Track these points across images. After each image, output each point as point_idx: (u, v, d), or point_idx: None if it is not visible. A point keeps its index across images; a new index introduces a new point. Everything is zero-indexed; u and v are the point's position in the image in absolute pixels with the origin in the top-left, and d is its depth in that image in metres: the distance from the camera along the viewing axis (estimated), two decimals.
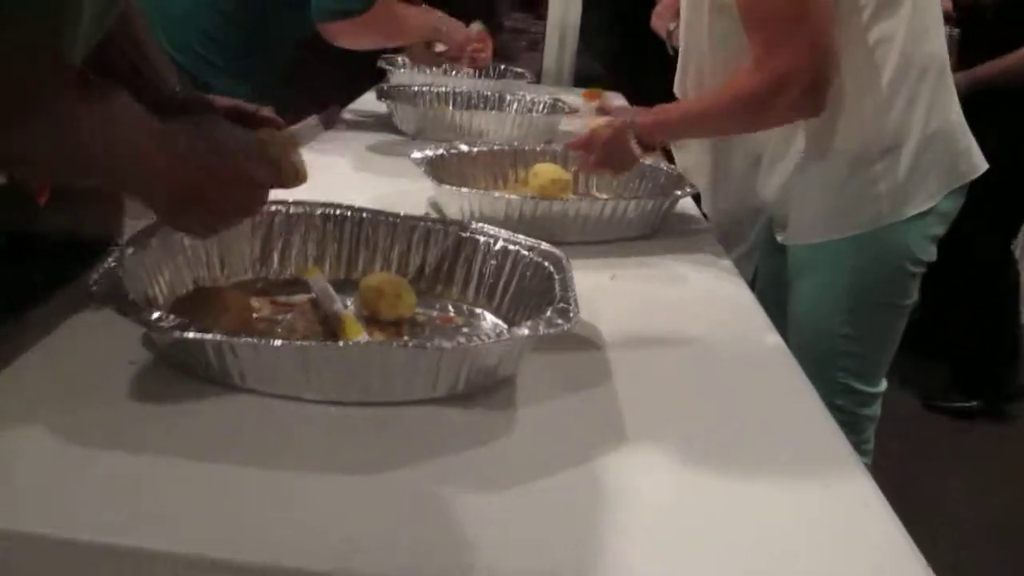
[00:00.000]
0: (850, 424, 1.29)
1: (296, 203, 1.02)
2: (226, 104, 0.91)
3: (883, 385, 1.30)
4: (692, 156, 1.36)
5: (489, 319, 0.98)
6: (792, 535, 0.67)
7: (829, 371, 1.26)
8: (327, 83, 2.34)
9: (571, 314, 0.81)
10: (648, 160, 1.30)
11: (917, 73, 1.12)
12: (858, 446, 1.32)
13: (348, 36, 1.75)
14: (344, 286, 1.01)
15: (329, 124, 0.90)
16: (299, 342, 0.73)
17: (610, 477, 0.71)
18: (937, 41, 1.15)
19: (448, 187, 1.28)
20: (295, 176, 0.81)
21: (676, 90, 1.31)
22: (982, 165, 1.20)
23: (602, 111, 2.34)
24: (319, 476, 0.67)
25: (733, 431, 0.82)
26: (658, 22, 2.24)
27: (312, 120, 0.87)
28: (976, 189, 1.19)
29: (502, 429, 0.77)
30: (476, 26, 2.00)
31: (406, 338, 0.91)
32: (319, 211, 1.04)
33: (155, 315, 0.73)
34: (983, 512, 2.19)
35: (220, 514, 0.62)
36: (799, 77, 1.05)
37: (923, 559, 0.65)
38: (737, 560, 0.63)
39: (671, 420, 0.82)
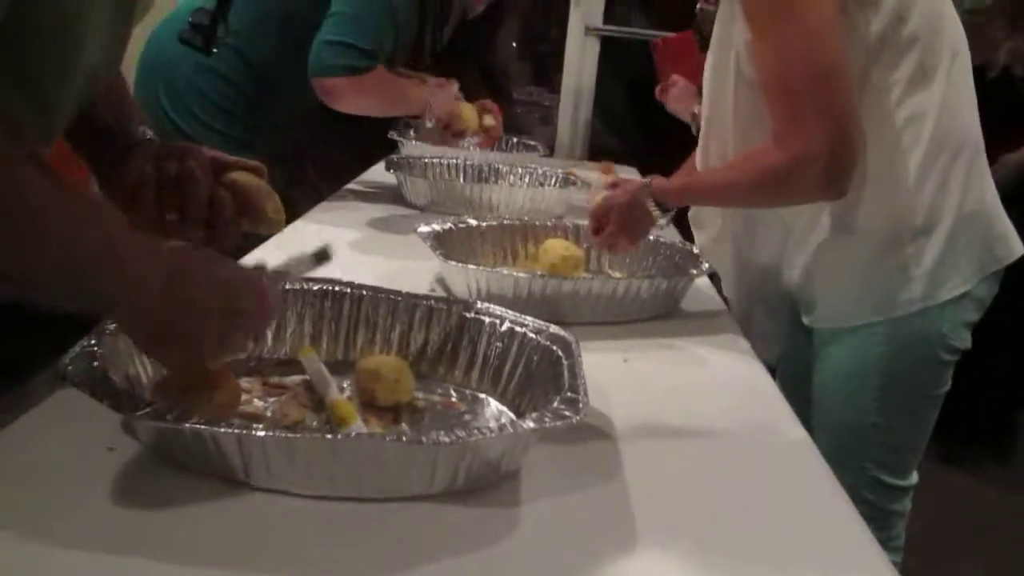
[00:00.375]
0: (878, 520, 1.21)
1: (293, 279, 0.97)
2: (207, 154, 0.86)
3: (914, 478, 1.23)
4: (713, 239, 1.31)
5: (493, 405, 0.92)
6: None
7: (857, 463, 1.18)
8: (337, 154, 2.33)
9: (580, 404, 0.76)
10: (662, 221, 1.25)
11: (952, 151, 1.07)
12: (886, 543, 1.24)
13: (346, 96, 1.68)
14: (341, 367, 0.95)
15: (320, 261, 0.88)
16: (285, 434, 0.66)
17: None
18: (971, 118, 1.11)
19: (454, 263, 1.23)
20: (268, 222, 0.78)
21: (698, 164, 1.27)
22: (1019, 249, 1.14)
23: (614, 186, 2.30)
24: None
25: (753, 534, 0.75)
26: (677, 105, 2.23)
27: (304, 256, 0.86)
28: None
29: (504, 530, 0.71)
30: (455, 86, 1.96)
31: (402, 428, 0.85)
32: (316, 287, 0.99)
33: (131, 401, 0.67)
34: None
35: None
36: (819, 157, 1.00)
37: None
38: None
39: (685, 521, 0.76)
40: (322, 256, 0.87)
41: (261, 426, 0.79)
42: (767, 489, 0.84)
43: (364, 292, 1.00)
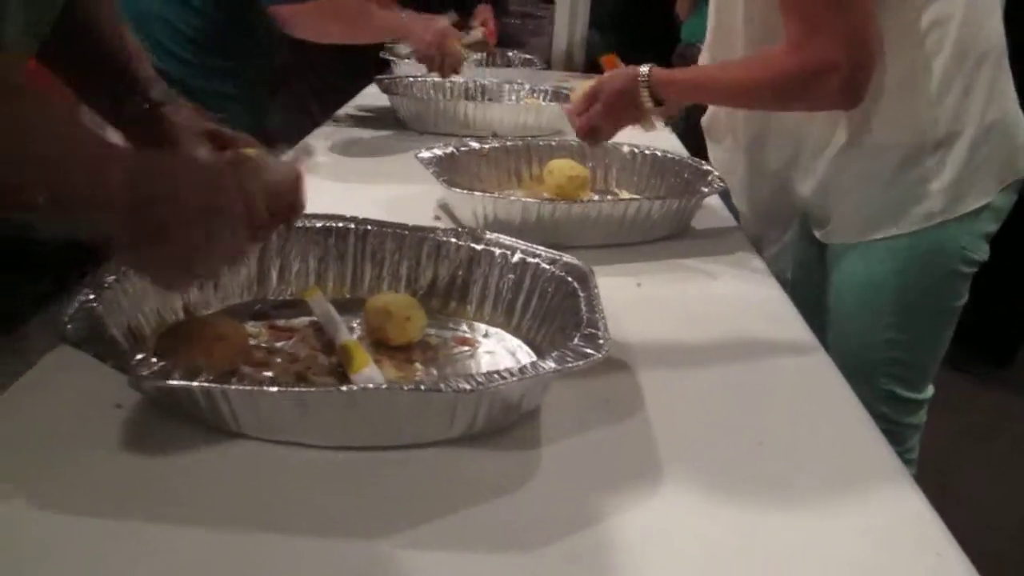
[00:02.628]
0: (894, 433, 1.20)
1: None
2: (204, 127, 0.80)
3: (929, 391, 1.22)
4: (725, 151, 1.26)
5: (509, 340, 0.90)
6: (842, 566, 0.60)
7: (873, 378, 1.17)
8: (329, 76, 2.26)
9: (601, 341, 0.73)
10: (658, 120, 1.18)
11: (975, 58, 1.02)
12: (901, 456, 1.23)
13: (303, 24, 1.57)
14: (349, 305, 0.93)
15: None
16: (298, 388, 0.64)
17: (647, 524, 0.64)
18: (996, 24, 1.06)
19: (459, 191, 1.19)
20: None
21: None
22: None
23: None
24: (322, 540, 0.60)
25: (775, 456, 0.74)
26: (684, 6, 2.14)
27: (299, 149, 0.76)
28: None
29: (526, 473, 0.69)
30: (444, 22, 1.85)
31: (418, 376, 0.83)
32: (320, 224, 0.95)
33: (137, 358, 0.64)
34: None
35: None
36: (837, 67, 0.96)
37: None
38: None
39: (708, 449, 0.75)
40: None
41: (271, 374, 0.78)
42: (786, 410, 0.83)
43: (369, 227, 0.97)
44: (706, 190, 1.26)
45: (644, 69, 1.16)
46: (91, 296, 0.72)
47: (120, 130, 0.76)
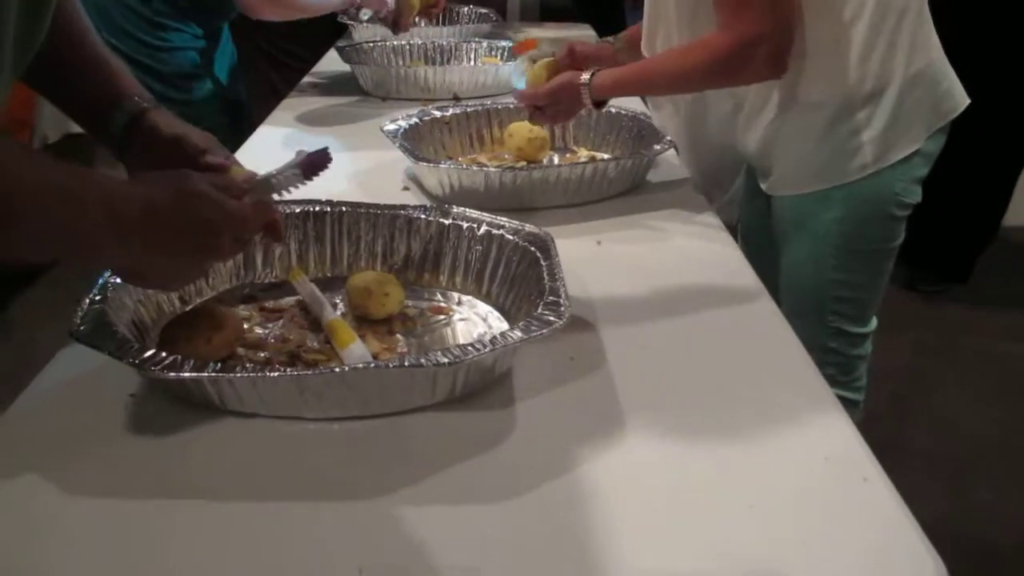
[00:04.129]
0: (842, 365, 1.31)
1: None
2: (172, 133, 0.82)
3: (873, 323, 1.32)
4: (667, 118, 1.34)
5: (480, 306, 0.98)
6: (779, 492, 0.69)
7: (820, 316, 1.26)
8: (285, 47, 2.29)
9: (562, 308, 0.81)
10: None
11: (897, 14, 1.10)
12: (850, 384, 1.34)
13: (263, 7, 1.65)
14: (331, 283, 1.00)
15: (312, 172, 0.79)
16: (296, 372, 0.72)
17: (614, 469, 0.73)
18: None
19: (425, 164, 1.26)
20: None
21: (644, 53, 1.28)
22: (964, 101, 1.19)
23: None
24: (325, 500, 0.68)
25: (727, 401, 0.83)
26: None
27: (292, 164, 0.78)
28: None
29: (503, 430, 0.78)
30: None
31: (398, 338, 0.91)
32: (299, 209, 1.02)
33: (147, 354, 0.72)
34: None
35: (229, 552, 0.63)
36: (765, 38, 1.04)
37: (924, 537, 0.66)
38: (732, 538, 0.65)
39: (667, 398, 0.83)
40: (306, 172, 0.80)
41: (266, 354, 0.86)
42: (738, 358, 0.91)
43: (344, 208, 1.03)
44: (658, 147, 1.34)
45: (585, 77, 1.23)
46: (97, 297, 0.79)
47: (107, 142, 0.81)
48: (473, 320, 0.96)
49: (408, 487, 0.70)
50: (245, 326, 0.92)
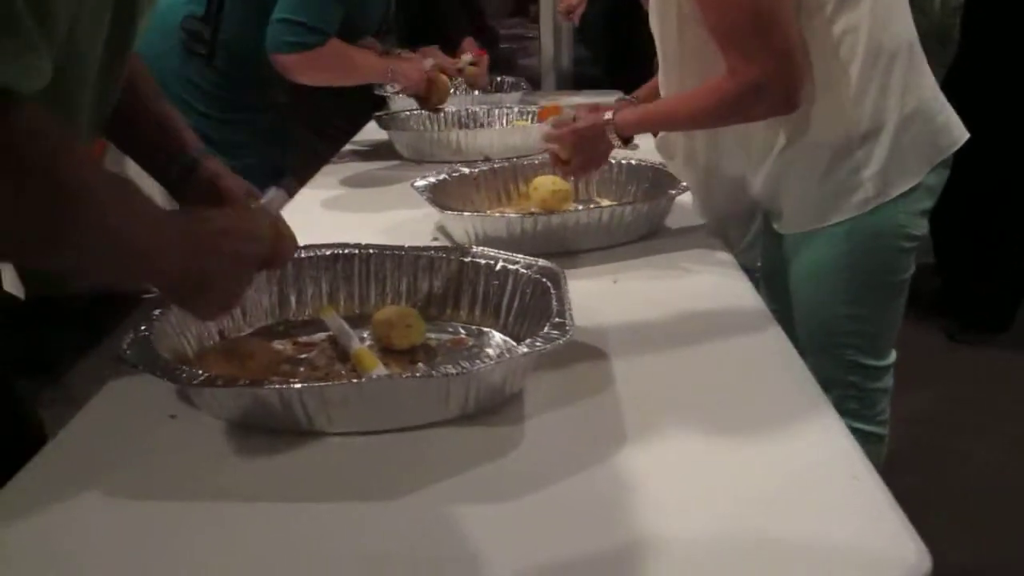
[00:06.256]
0: (863, 399, 1.33)
1: (307, 247, 1.08)
2: (218, 180, 0.93)
3: (892, 356, 1.34)
4: (679, 166, 1.41)
5: (497, 336, 1.04)
6: (776, 490, 0.73)
7: (837, 350, 1.29)
8: (332, 118, 2.42)
9: (567, 327, 0.87)
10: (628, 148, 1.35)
11: (887, 58, 1.16)
12: (873, 418, 1.36)
13: (299, 71, 1.78)
14: (359, 320, 1.07)
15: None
16: (316, 384, 0.79)
17: (615, 480, 0.77)
18: (903, 22, 1.20)
19: (451, 213, 1.34)
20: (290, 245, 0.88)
21: (662, 94, 1.36)
22: (963, 136, 1.23)
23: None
24: (352, 504, 0.74)
25: (731, 425, 0.86)
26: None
27: (273, 192, 0.90)
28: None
29: (513, 443, 0.83)
30: (429, 62, 2.03)
31: (420, 365, 0.97)
32: (328, 252, 1.10)
33: (185, 374, 0.79)
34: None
35: (249, 552, 0.69)
36: (771, 82, 1.11)
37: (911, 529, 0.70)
38: (728, 537, 0.69)
39: (672, 420, 0.87)
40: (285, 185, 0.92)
41: (297, 381, 0.92)
42: (745, 384, 0.95)
43: (371, 251, 1.11)
44: (673, 192, 1.40)
45: (608, 115, 1.30)
46: (143, 327, 0.87)
47: (165, 185, 0.92)
48: (490, 347, 1.02)
49: (421, 490, 0.76)
50: (278, 357, 0.99)
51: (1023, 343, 2.82)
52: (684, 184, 1.42)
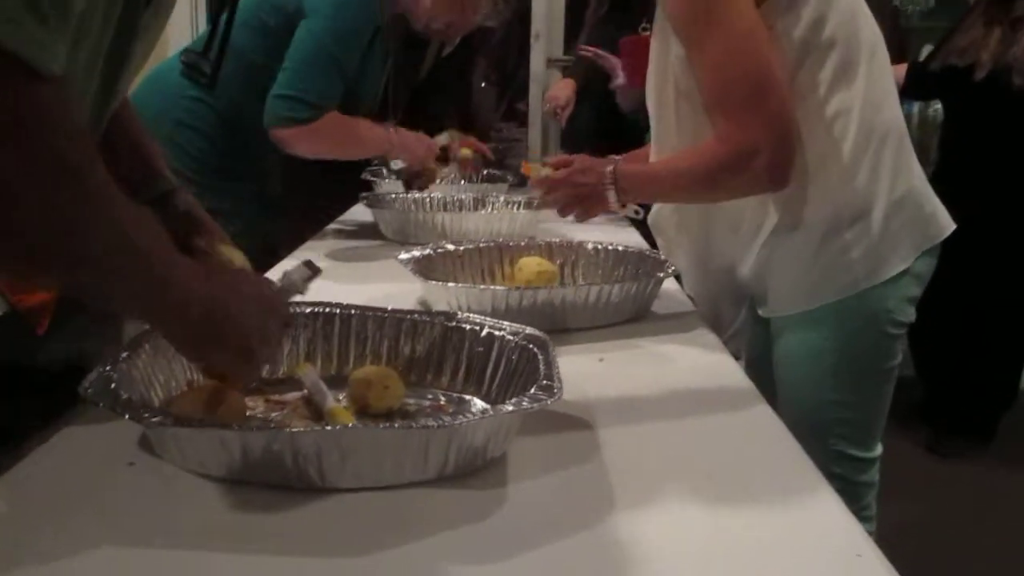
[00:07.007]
0: (848, 492, 1.29)
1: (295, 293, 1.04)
2: (188, 212, 0.92)
3: (878, 449, 1.31)
4: (671, 244, 1.40)
5: (478, 404, 1.00)
6: (775, 568, 0.68)
7: (822, 439, 1.26)
8: (317, 198, 2.42)
9: (555, 389, 0.83)
10: (620, 211, 1.33)
11: (878, 140, 1.17)
12: (859, 513, 1.32)
13: (298, 143, 1.79)
14: (336, 381, 1.03)
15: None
16: (288, 429, 0.74)
17: (602, 547, 0.72)
18: (893, 109, 1.21)
19: (435, 283, 1.31)
20: None
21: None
22: (949, 226, 1.24)
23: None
24: (324, 560, 0.69)
25: (718, 486, 0.83)
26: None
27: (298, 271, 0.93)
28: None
29: (494, 506, 0.78)
30: (443, 138, 2.04)
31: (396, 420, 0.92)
32: (308, 309, 1.07)
33: (145, 413, 0.75)
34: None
35: None
36: (761, 152, 1.11)
37: None
38: None
39: (663, 490, 0.83)
40: (312, 268, 0.95)
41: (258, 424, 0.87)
42: (729, 449, 0.93)
43: (352, 311, 1.08)
44: (661, 275, 1.39)
45: (610, 168, 1.29)
46: (108, 368, 0.83)
47: None
48: (471, 415, 0.97)
49: (394, 549, 0.70)
50: (248, 413, 0.94)
51: (1004, 455, 2.80)
52: (672, 268, 1.41)
